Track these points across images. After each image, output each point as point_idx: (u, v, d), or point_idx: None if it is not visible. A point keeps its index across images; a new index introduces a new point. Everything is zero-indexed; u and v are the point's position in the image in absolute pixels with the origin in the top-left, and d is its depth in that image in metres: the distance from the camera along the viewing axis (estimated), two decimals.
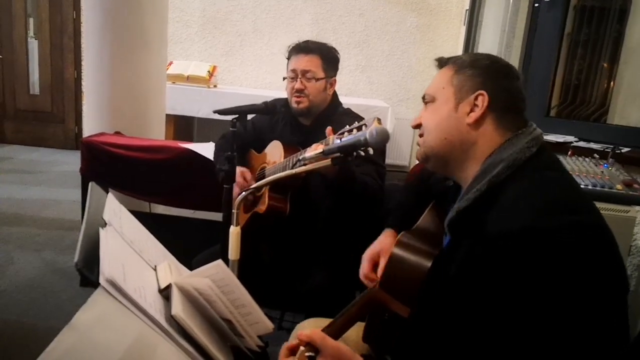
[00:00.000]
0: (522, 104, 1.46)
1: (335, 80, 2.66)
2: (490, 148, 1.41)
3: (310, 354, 1.27)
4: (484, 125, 1.42)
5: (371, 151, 1.66)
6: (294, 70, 2.57)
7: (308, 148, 1.98)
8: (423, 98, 1.54)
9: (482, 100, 1.41)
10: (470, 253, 1.29)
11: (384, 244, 1.78)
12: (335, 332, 1.49)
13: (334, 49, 2.68)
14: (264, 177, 2.57)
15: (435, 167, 1.55)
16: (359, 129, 1.67)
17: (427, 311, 1.42)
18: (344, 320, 1.54)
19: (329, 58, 2.62)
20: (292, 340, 1.46)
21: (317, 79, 2.56)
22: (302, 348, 1.30)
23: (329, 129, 1.98)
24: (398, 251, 1.54)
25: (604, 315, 1.16)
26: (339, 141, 1.66)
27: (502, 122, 1.42)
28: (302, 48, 2.59)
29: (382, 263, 1.72)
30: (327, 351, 1.27)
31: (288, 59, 2.64)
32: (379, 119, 1.66)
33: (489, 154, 1.40)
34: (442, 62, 1.56)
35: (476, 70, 1.45)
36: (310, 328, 1.81)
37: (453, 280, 1.33)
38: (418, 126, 1.55)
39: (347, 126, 1.70)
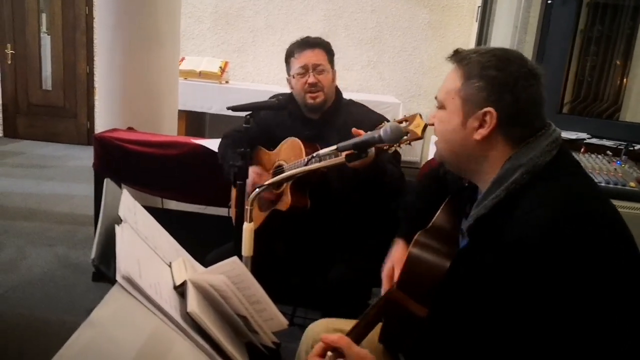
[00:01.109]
0: (537, 109, 1.38)
1: (335, 72, 2.68)
2: (503, 158, 1.37)
3: None
4: (493, 140, 1.38)
5: (392, 149, 1.69)
6: (304, 67, 2.57)
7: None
8: (436, 98, 1.51)
9: (490, 118, 1.35)
10: (488, 259, 1.28)
11: (396, 256, 1.79)
12: (357, 336, 1.49)
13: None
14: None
15: (451, 169, 1.56)
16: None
17: (444, 313, 1.41)
18: (365, 324, 1.54)
19: (330, 51, 2.65)
20: (308, 342, 1.47)
21: (327, 71, 2.58)
22: (329, 353, 1.31)
23: (354, 130, 1.98)
24: (415, 251, 1.52)
25: (621, 327, 1.15)
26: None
27: (513, 133, 1.37)
28: (309, 43, 2.61)
29: (397, 272, 1.72)
30: (353, 359, 1.28)
31: (290, 57, 2.65)
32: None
33: (503, 161, 1.36)
34: (454, 58, 1.46)
35: (483, 82, 1.36)
36: (322, 329, 1.83)
37: (470, 285, 1.33)
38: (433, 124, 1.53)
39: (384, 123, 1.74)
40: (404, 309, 1.52)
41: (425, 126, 1.75)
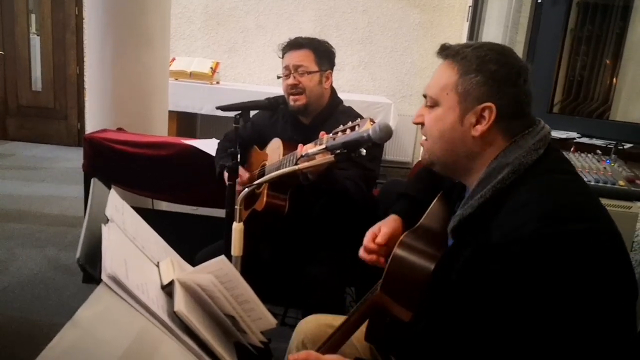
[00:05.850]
0: (529, 105, 1.36)
1: (330, 74, 2.62)
2: (497, 153, 1.34)
3: None
4: (491, 136, 1.34)
5: (364, 152, 1.66)
6: (286, 67, 2.56)
7: (305, 146, 1.99)
8: (424, 96, 1.46)
9: (490, 113, 1.32)
10: (472, 259, 1.25)
11: (386, 221, 1.73)
12: (334, 345, 1.49)
13: (327, 42, 2.65)
14: (264, 174, 2.56)
15: (441, 172, 1.49)
16: (352, 128, 1.67)
17: (429, 317, 1.38)
18: (343, 333, 1.53)
19: (320, 51, 2.58)
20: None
21: (310, 72, 2.53)
22: None
23: (322, 133, 1.95)
24: (400, 252, 1.48)
25: (609, 323, 1.14)
26: (332, 140, 1.67)
27: (509, 128, 1.34)
28: (293, 44, 2.58)
29: (384, 230, 1.68)
30: None
31: (282, 58, 2.63)
32: (372, 119, 1.66)
33: (494, 157, 1.34)
34: (444, 53, 1.46)
35: (482, 77, 1.33)
36: (312, 325, 1.82)
37: (454, 286, 1.29)
38: (420, 124, 1.47)
39: (341, 125, 1.71)
40: (388, 313, 1.50)
41: None
